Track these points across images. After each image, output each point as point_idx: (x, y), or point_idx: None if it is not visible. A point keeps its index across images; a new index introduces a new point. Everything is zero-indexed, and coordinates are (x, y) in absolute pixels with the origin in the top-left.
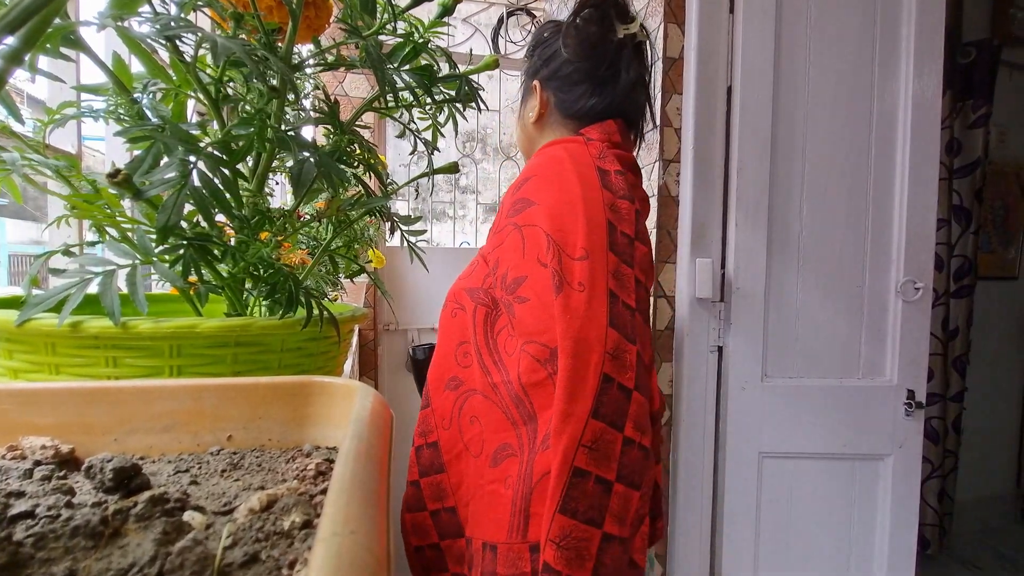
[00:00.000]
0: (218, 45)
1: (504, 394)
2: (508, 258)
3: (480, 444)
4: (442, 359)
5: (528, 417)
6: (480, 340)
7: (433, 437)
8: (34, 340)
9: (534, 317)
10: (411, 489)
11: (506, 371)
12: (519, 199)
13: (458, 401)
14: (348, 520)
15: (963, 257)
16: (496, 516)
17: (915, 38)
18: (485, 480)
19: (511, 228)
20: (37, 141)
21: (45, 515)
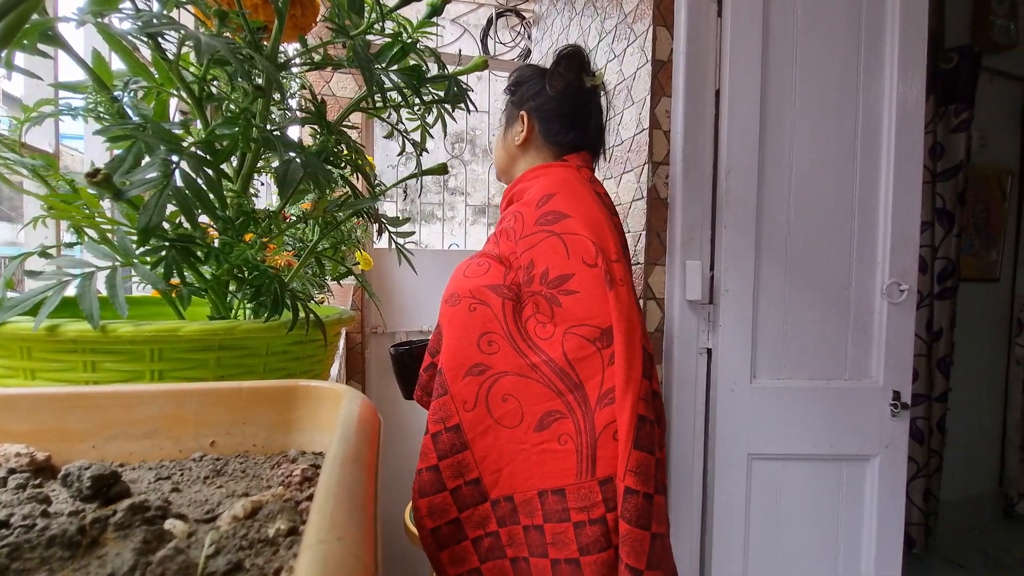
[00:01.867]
0: (202, 43)
1: (546, 371)
2: (547, 259)
3: (518, 416)
4: (458, 350)
5: (574, 386)
6: (512, 329)
7: (454, 420)
8: (9, 344)
9: (583, 306)
10: (428, 475)
11: (543, 352)
12: (549, 211)
13: (484, 384)
14: (335, 527)
15: (946, 259)
16: (557, 467)
17: (899, 44)
18: (529, 444)
19: (547, 235)
20: (13, 139)
21: (20, 524)
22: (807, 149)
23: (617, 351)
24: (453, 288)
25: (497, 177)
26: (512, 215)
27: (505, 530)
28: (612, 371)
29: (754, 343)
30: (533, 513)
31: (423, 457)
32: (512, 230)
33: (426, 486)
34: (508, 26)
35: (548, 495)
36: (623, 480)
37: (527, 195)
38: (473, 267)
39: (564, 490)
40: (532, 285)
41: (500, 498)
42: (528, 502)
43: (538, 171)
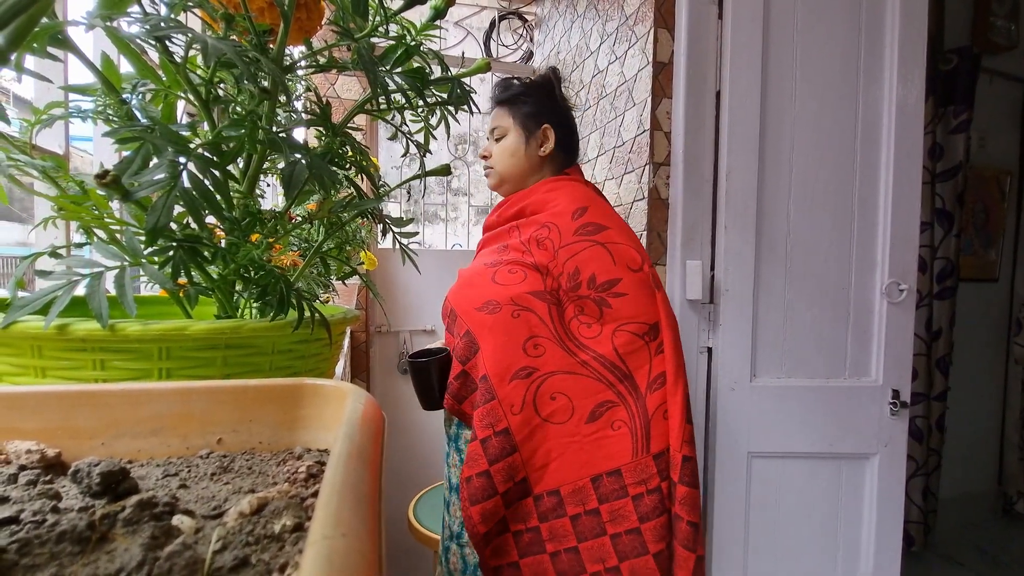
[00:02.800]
0: (209, 46)
1: (596, 366)
2: (593, 266)
3: (567, 412)
4: (503, 355)
5: (624, 376)
6: (560, 331)
7: (503, 424)
8: (20, 343)
9: (632, 306)
10: (478, 481)
11: (592, 349)
12: (588, 223)
13: (532, 386)
14: (340, 523)
15: (946, 259)
16: (612, 451)
17: (899, 45)
18: (581, 435)
19: (589, 244)
20: (24, 141)
21: (30, 520)
22: (807, 150)
23: (667, 342)
24: (487, 296)
25: (496, 186)
26: (543, 226)
27: (547, 525)
28: (660, 359)
29: (754, 342)
30: (586, 500)
31: (471, 463)
32: (549, 240)
33: (477, 493)
34: (511, 29)
35: (603, 478)
36: (680, 450)
37: (551, 207)
38: (504, 275)
39: (620, 470)
40: (580, 290)
41: (544, 493)
42: (579, 491)
43: (552, 184)
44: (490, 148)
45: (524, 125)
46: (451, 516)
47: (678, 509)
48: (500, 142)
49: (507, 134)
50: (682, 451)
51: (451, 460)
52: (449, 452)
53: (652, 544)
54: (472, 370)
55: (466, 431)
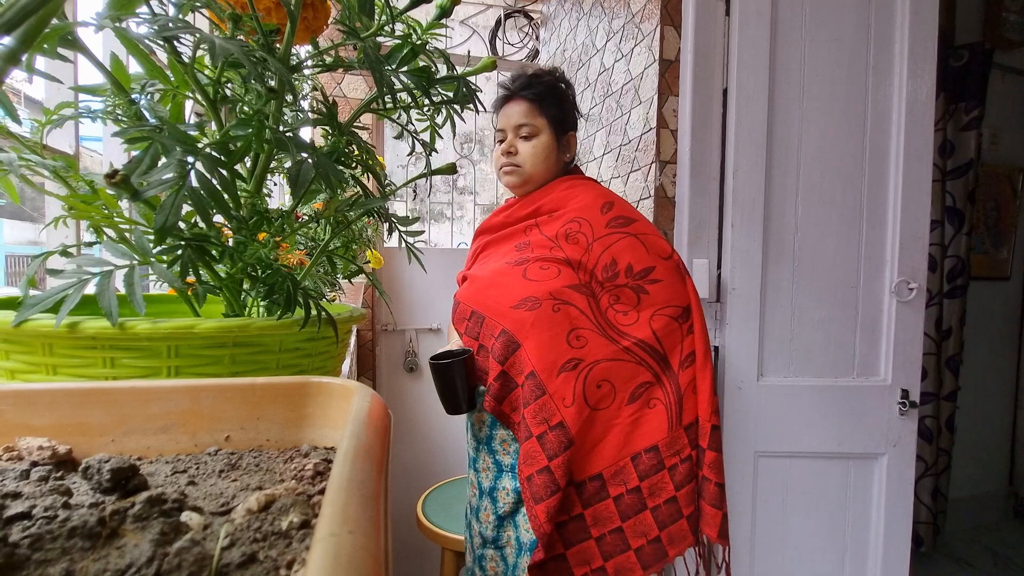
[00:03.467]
0: (216, 46)
1: (637, 351)
2: (628, 256)
3: (611, 397)
4: (549, 350)
5: (660, 358)
6: (601, 321)
7: (557, 418)
8: (31, 341)
9: (667, 292)
10: (540, 478)
11: (631, 335)
12: (618, 216)
13: (579, 377)
14: (346, 520)
15: (956, 258)
16: (649, 428)
17: (909, 41)
18: (623, 416)
19: (622, 235)
20: (35, 142)
21: (42, 516)
22: (815, 147)
23: (697, 323)
24: (522, 293)
25: (518, 185)
26: (572, 221)
27: (590, 510)
28: (690, 339)
29: (761, 341)
30: (627, 479)
31: (529, 462)
32: (581, 234)
33: (540, 490)
34: (516, 27)
35: (641, 456)
36: (709, 420)
37: (574, 204)
38: (536, 271)
39: (656, 445)
40: (617, 279)
41: (586, 479)
42: (620, 471)
43: (570, 182)
44: (516, 144)
45: (555, 128)
46: (482, 523)
47: (706, 472)
48: (530, 140)
49: (539, 134)
50: (711, 420)
51: (481, 464)
52: (478, 456)
53: (685, 508)
54: (511, 369)
55: (501, 431)
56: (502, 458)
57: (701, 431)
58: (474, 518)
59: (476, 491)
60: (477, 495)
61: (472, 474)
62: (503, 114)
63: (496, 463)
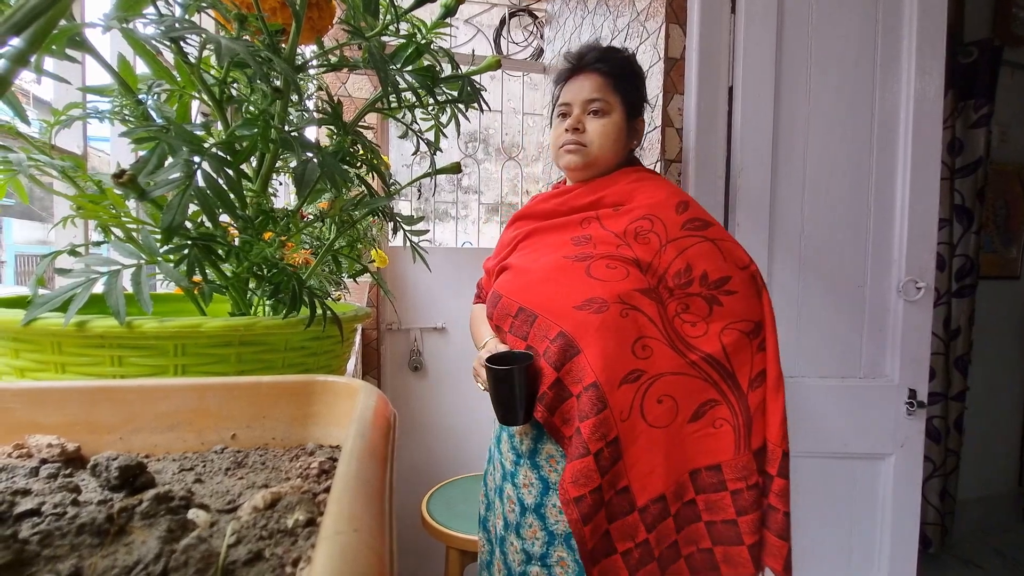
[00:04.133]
0: (222, 46)
1: (704, 366)
2: (705, 262)
3: (672, 414)
4: (614, 359)
5: (728, 375)
6: (669, 330)
7: (613, 434)
8: (40, 339)
9: (742, 304)
10: (592, 498)
11: (699, 349)
12: (694, 218)
13: (639, 390)
14: (352, 518)
15: (965, 257)
16: (712, 447)
17: (917, 38)
18: (685, 434)
19: (699, 239)
20: (43, 142)
21: (51, 513)
22: (822, 146)
23: (770, 342)
24: (587, 293)
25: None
26: (643, 218)
27: (654, 534)
28: (760, 357)
29: None
30: (683, 494)
31: (583, 481)
32: (653, 234)
33: (591, 510)
34: (521, 26)
35: (701, 472)
36: (780, 445)
37: (642, 199)
38: (602, 269)
39: (720, 465)
40: (691, 287)
41: (649, 502)
42: (680, 487)
43: (638, 174)
44: (584, 121)
45: (628, 110)
46: (526, 539)
47: (773, 500)
48: (600, 118)
49: (612, 112)
50: (781, 446)
51: (522, 479)
52: (517, 471)
53: (747, 536)
54: (567, 377)
55: (549, 446)
56: (548, 474)
57: (771, 457)
58: (513, 534)
59: (515, 506)
60: (517, 511)
61: (509, 488)
62: (571, 87)
63: (541, 479)
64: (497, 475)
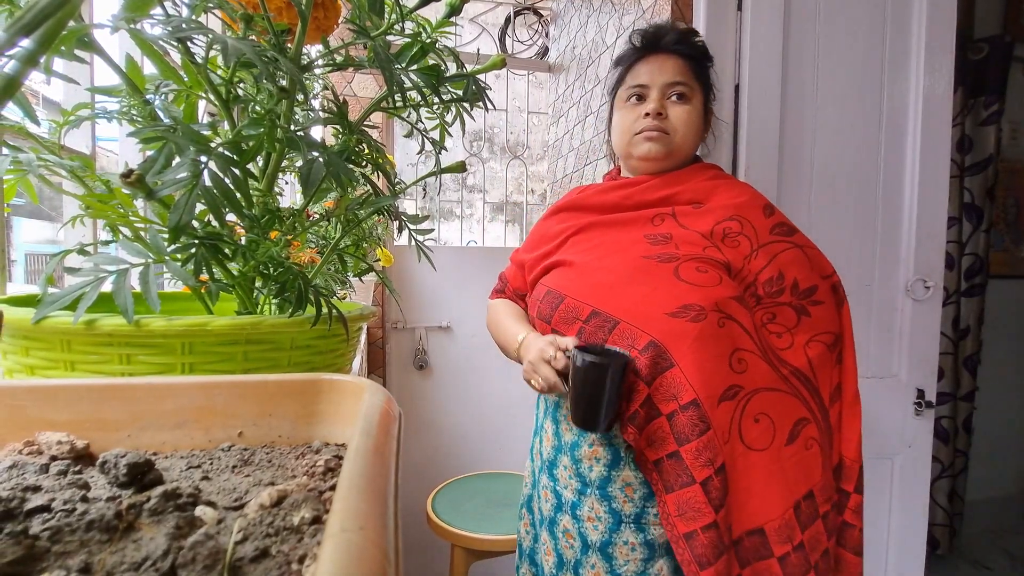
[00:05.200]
0: (229, 46)
1: (794, 381)
2: (795, 271)
3: (770, 436)
4: (714, 373)
5: (814, 391)
6: (763, 342)
7: (720, 459)
8: (50, 338)
9: (828, 315)
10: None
11: (788, 363)
12: (780, 223)
13: (737, 408)
14: (357, 516)
15: (974, 255)
16: (806, 472)
17: (926, 35)
18: (784, 458)
19: (788, 246)
20: (52, 142)
21: (61, 509)
22: (829, 144)
23: (848, 354)
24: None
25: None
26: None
27: (749, 569)
28: (838, 370)
29: None
30: (792, 535)
31: (692, 515)
32: (743, 236)
33: (708, 552)
34: (526, 24)
35: (801, 504)
36: (856, 460)
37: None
38: (692, 272)
39: (812, 491)
40: (782, 296)
41: (743, 535)
42: (786, 525)
43: (716, 171)
44: (667, 107)
45: (707, 99)
46: None
47: (849, 517)
48: (684, 104)
49: (694, 99)
50: (859, 461)
51: (588, 512)
52: (582, 502)
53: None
54: (657, 393)
55: (627, 472)
56: (622, 506)
57: (847, 473)
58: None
59: (574, 542)
60: (578, 548)
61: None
62: (649, 67)
63: (612, 512)
64: (548, 504)
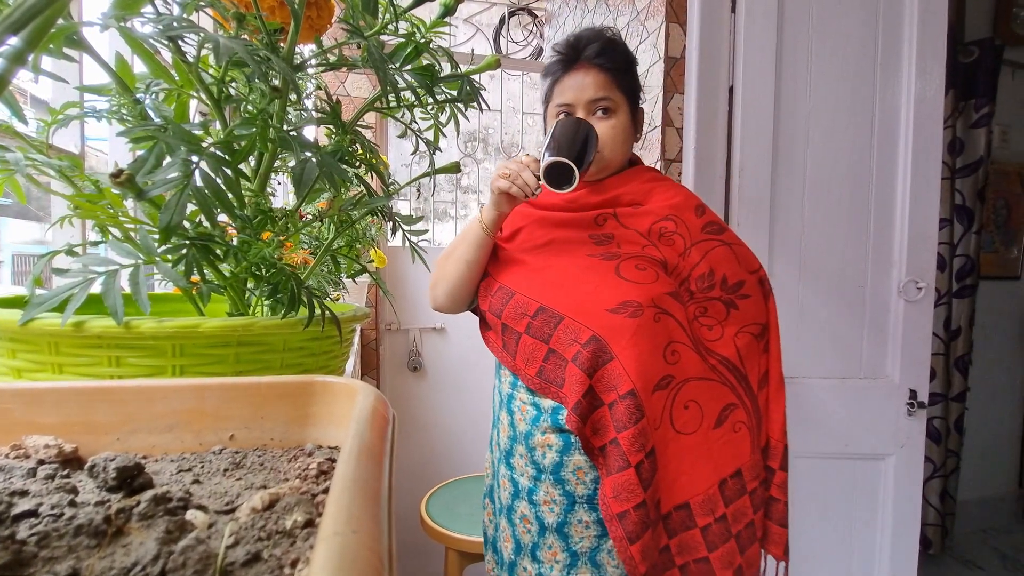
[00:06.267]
0: (220, 45)
1: (722, 370)
2: (724, 267)
3: (698, 421)
4: (649, 365)
5: (742, 378)
6: (695, 334)
7: (650, 444)
8: (37, 340)
9: (755, 307)
10: (636, 514)
11: (717, 353)
12: (711, 222)
13: (668, 397)
14: (350, 519)
15: (965, 257)
16: (734, 452)
17: (917, 37)
18: (711, 440)
19: (718, 243)
20: (40, 141)
21: (48, 514)
22: (822, 145)
23: (773, 343)
24: (620, 295)
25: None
26: (666, 219)
27: (676, 540)
28: (765, 358)
29: None
30: (715, 507)
31: (625, 496)
32: (677, 235)
33: (637, 527)
34: (520, 25)
35: (728, 481)
36: (781, 440)
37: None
38: (632, 270)
39: (740, 470)
40: (713, 291)
41: (672, 509)
42: (709, 499)
43: (653, 173)
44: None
45: (632, 104)
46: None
47: (775, 492)
48: (609, 118)
49: (619, 111)
50: (783, 441)
51: (543, 496)
52: (537, 487)
53: (759, 530)
54: (599, 384)
55: (577, 457)
56: (575, 488)
57: (773, 452)
58: (527, 558)
59: (531, 526)
60: (535, 531)
61: (524, 506)
62: (570, 84)
63: (566, 494)
64: (506, 493)
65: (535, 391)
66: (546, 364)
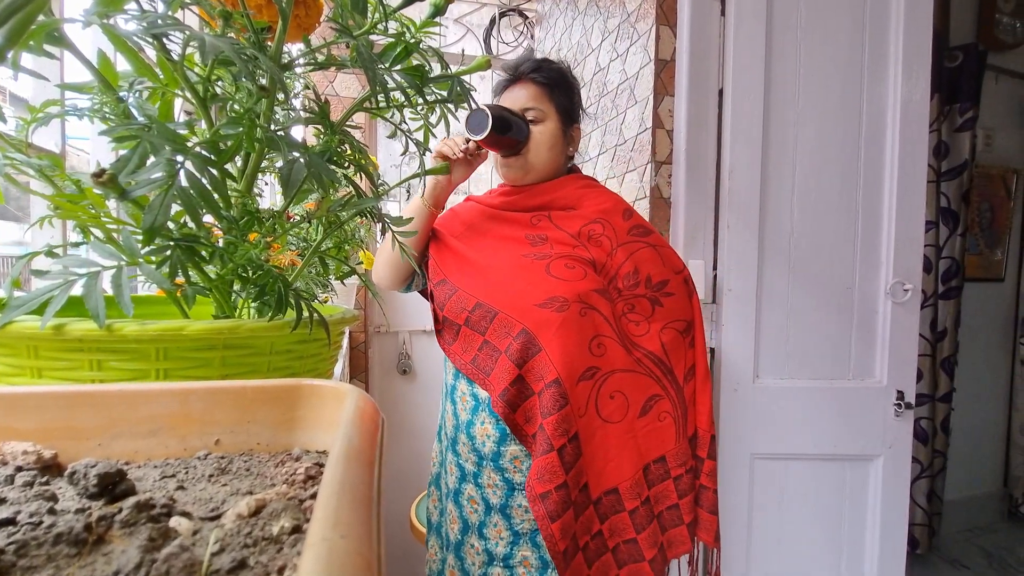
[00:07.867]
0: (206, 43)
1: (647, 363)
2: (649, 267)
3: (623, 410)
4: (574, 356)
5: (668, 371)
6: (620, 329)
7: (573, 430)
8: (16, 343)
9: (678, 305)
10: (557, 495)
11: (642, 347)
12: (637, 225)
13: (595, 387)
14: (338, 524)
15: (951, 259)
16: (659, 440)
17: (903, 42)
18: (636, 428)
19: (643, 245)
20: (20, 140)
21: (27, 522)
22: (810, 148)
23: (698, 338)
24: (548, 292)
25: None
26: (595, 221)
27: (607, 524)
28: (691, 353)
29: (757, 343)
30: (640, 492)
31: (548, 477)
32: (605, 237)
33: (557, 507)
34: (511, 26)
35: (651, 466)
36: (708, 430)
37: (591, 204)
38: (561, 269)
39: (664, 457)
40: (638, 288)
41: (602, 495)
42: (636, 484)
43: (586, 181)
44: None
45: (563, 118)
46: (490, 539)
47: (705, 480)
48: (536, 126)
49: (546, 120)
50: (709, 431)
51: (486, 480)
52: (480, 472)
53: (686, 515)
54: (529, 374)
55: (513, 447)
56: (512, 476)
57: (700, 442)
58: (474, 535)
59: (478, 506)
60: (482, 510)
61: (470, 488)
62: (507, 97)
63: (506, 481)
64: (453, 477)
65: (469, 378)
66: (480, 353)
